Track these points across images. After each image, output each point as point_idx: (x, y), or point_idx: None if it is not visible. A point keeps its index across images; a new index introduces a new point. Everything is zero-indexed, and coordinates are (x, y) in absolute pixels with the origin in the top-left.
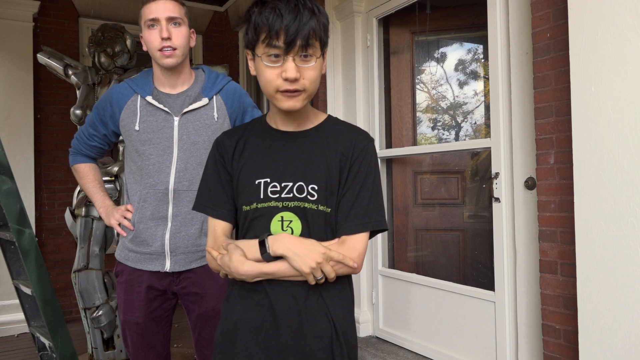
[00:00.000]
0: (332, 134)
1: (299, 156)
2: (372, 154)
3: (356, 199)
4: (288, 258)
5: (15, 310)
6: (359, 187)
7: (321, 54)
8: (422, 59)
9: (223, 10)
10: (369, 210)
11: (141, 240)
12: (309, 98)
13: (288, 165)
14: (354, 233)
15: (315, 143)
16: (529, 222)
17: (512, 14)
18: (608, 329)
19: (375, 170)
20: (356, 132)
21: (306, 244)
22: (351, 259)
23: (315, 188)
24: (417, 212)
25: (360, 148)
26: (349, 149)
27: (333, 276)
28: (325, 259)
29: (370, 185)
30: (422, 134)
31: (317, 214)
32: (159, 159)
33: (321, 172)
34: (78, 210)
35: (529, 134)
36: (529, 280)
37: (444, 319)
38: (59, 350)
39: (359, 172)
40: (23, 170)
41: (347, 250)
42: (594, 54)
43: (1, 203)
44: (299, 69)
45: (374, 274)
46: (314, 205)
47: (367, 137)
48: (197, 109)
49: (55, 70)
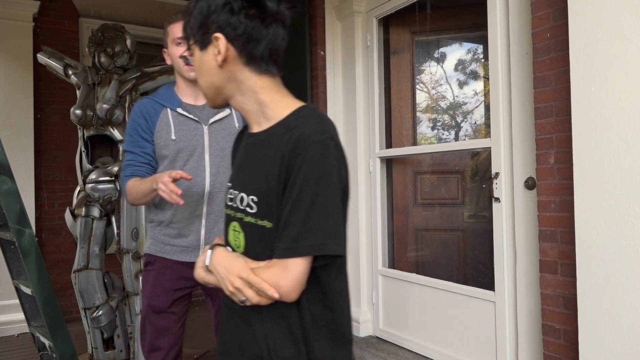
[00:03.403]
0: (285, 133)
1: (247, 162)
2: (313, 160)
3: (288, 217)
4: (215, 276)
5: (15, 310)
6: (292, 203)
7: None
8: (422, 59)
9: None
10: (303, 231)
11: (179, 235)
12: (206, 96)
13: (239, 171)
14: (282, 257)
15: (265, 147)
16: (529, 222)
17: (512, 14)
18: (608, 328)
19: (319, 180)
20: (301, 130)
21: (229, 264)
22: (272, 287)
23: (254, 200)
24: (417, 212)
25: (298, 153)
26: (287, 153)
27: (256, 301)
28: (244, 284)
29: (307, 200)
30: (422, 134)
31: (256, 229)
32: (194, 164)
33: (261, 182)
34: (78, 210)
35: (529, 134)
36: (529, 280)
37: (444, 319)
38: (59, 350)
39: (295, 184)
40: (23, 170)
41: (271, 276)
42: (594, 54)
43: (1, 203)
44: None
45: (374, 274)
46: (252, 219)
47: (311, 137)
48: (222, 119)
49: (55, 70)
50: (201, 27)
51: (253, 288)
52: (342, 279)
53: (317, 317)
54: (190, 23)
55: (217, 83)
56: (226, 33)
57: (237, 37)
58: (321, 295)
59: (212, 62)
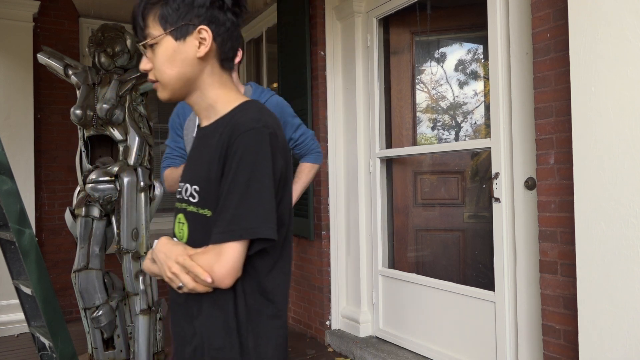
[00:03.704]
0: (226, 125)
1: (195, 154)
2: (247, 145)
3: (224, 202)
4: (157, 264)
5: (15, 310)
6: (227, 189)
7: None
8: (422, 59)
9: None
10: (238, 214)
11: None
12: (168, 88)
13: (188, 164)
14: (217, 242)
15: (210, 138)
16: (529, 222)
17: (512, 14)
18: (608, 329)
19: (253, 165)
20: (238, 119)
21: (169, 250)
22: (205, 272)
23: (197, 189)
24: (417, 212)
25: (234, 139)
26: (226, 142)
27: (191, 287)
28: (181, 269)
29: (241, 185)
30: (422, 134)
31: (198, 218)
32: None
33: (204, 170)
34: (78, 210)
35: (529, 134)
36: (529, 281)
37: (444, 319)
38: (59, 350)
39: (230, 169)
40: (23, 170)
41: (205, 261)
42: (594, 54)
43: (1, 203)
44: (151, 59)
45: (374, 274)
46: (194, 208)
47: (246, 125)
48: None
49: (56, 70)
50: (183, 17)
51: (190, 274)
52: (281, 270)
53: (254, 308)
54: (165, 12)
55: (189, 74)
56: (213, 27)
57: (221, 33)
58: (259, 286)
59: (190, 54)
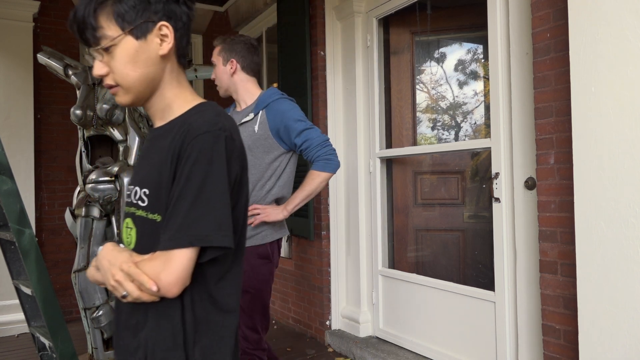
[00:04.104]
0: (180, 127)
1: (146, 156)
2: (202, 149)
3: (174, 207)
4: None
5: (15, 310)
6: (178, 193)
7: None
8: (422, 59)
9: (223, 10)
10: (187, 221)
11: None
12: (132, 91)
13: (138, 166)
14: (166, 249)
15: (163, 139)
16: (529, 222)
17: (512, 14)
18: (608, 329)
19: (207, 169)
20: (193, 121)
21: (113, 257)
22: (151, 280)
23: (146, 193)
24: (417, 212)
25: (188, 142)
26: (179, 144)
27: (136, 296)
28: (125, 277)
29: (193, 190)
30: (422, 134)
31: (147, 223)
32: None
33: (154, 173)
34: (78, 210)
35: (529, 134)
36: (529, 281)
37: (444, 319)
38: (59, 350)
39: (182, 173)
40: (23, 170)
41: (151, 269)
42: (594, 54)
43: (1, 203)
44: (107, 63)
45: (374, 274)
46: (143, 213)
47: (201, 127)
48: (245, 122)
49: (56, 70)
50: (142, 14)
51: (135, 282)
52: (233, 278)
53: (202, 319)
54: (121, 10)
55: (152, 75)
56: (172, 23)
57: (179, 28)
58: (208, 295)
59: (153, 52)
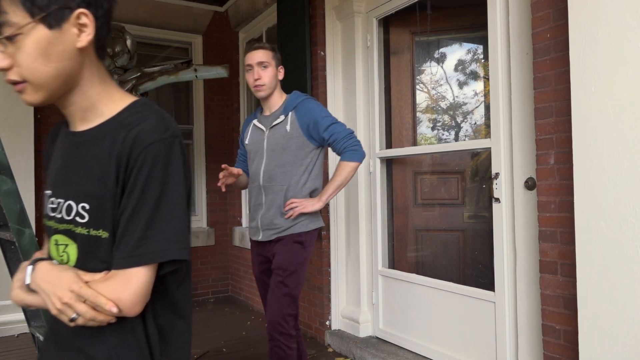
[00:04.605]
0: (121, 130)
1: (72, 165)
2: (156, 159)
3: (128, 223)
4: (39, 293)
5: (15, 310)
6: (132, 208)
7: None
8: (422, 59)
9: (223, 10)
10: (145, 238)
11: (251, 218)
12: (43, 89)
13: (62, 176)
14: (123, 267)
15: (95, 146)
16: (529, 222)
17: (512, 15)
18: (608, 329)
19: (163, 181)
20: (139, 127)
21: (57, 277)
22: (110, 301)
23: (86, 208)
24: (417, 212)
25: (138, 152)
26: (125, 153)
27: (89, 317)
28: (75, 298)
29: (149, 204)
30: (422, 134)
31: (89, 241)
32: (256, 163)
33: (94, 186)
34: None
35: (529, 134)
36: (529, 281)
37: (444, 319)
38: None
39: (135, 186)
40: (23, 170)
41: (110, 289)
42: (594, 54)
43: (1, 203)
44: (11, 54)
45: (374, 274)
46: (84, 230)
47: (152, 135)
48: (277, 124)
49: None
50: (56, 0)
51: (87, 303)
52: (188, 284)
53: (165, 327)
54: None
55: (69, 70)
56: (92, 10)
57: (100, 16)
58: (170, 303)
59: (69, 44)
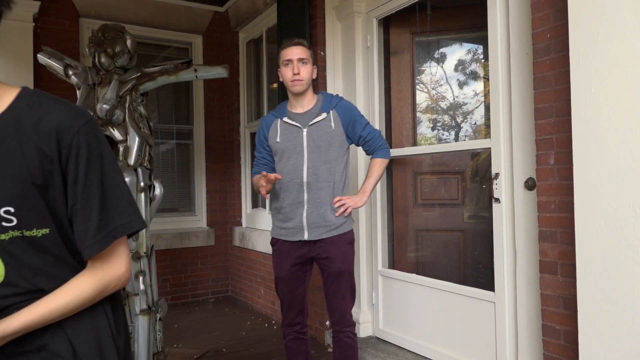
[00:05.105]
0: (27, 123)
1: None
2: (87, 142)
3: (84, 209)
4: None
5: None
6: (81, 195)
7: None
8: (422, 59)
9: (223, 10)
10: (105, 217)
11: (286, 219)
12: None
13: None
14: (97, 251)
15: (4, 142)
16: (529, 222)
17: (512, 15)
18: (608, 329)
19: (100, 162)
20: (55, 117)
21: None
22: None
23: (10, 211)
24: (417, 212)
25: (69, 139)
26: (52, 145)
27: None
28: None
29: (96, 185)
30: (422, 134)
31: (27, 242)
32: (294, 161)
33: (16, 186)
34: None
35: (529, 134)
36: (529, 281)
37: (444, 319)
38: None
39: (77, 174)
40: None
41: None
42: (594, 54)
43: None
44: None
45: (374, 274)
46: (16, 233)
47: (75, 121)
48: (319, 122)
49: (56, 70)
50: None
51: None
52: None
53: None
54: None
55: None
56: None
57: None
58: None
59: None
